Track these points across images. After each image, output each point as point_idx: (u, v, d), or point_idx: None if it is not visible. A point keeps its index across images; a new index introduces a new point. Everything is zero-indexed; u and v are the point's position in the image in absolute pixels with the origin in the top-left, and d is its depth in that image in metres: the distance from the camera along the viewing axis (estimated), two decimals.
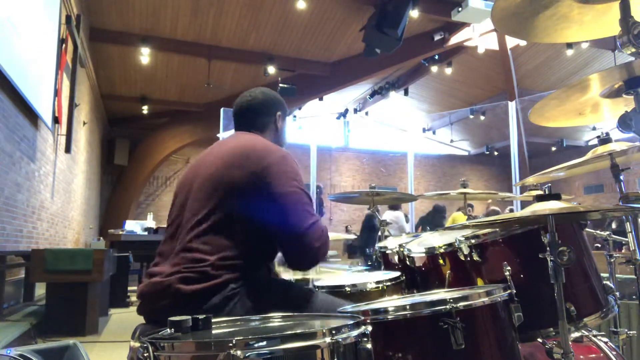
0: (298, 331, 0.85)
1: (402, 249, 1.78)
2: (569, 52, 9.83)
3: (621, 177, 1.54)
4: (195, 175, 1.45)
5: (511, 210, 7.24)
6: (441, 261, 1.57)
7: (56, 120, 5.47)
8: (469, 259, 1.45)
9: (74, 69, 6.30)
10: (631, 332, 1.78)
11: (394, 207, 6.96)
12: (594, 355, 1.50)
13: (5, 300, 4.12)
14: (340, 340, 0.84)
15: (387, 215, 6.78)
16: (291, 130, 14.26)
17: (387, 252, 2.01)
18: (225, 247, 1.30)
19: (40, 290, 5.03)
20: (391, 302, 1.36)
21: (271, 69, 9.05)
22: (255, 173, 1.34)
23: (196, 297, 1.24)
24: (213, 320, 1.01)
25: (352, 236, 7.99)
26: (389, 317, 1.11)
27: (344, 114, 13.81)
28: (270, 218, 1.32)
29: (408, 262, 1.74)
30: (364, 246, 8.25)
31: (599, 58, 10.51)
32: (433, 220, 7.84)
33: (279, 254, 1.45)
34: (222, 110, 7.33)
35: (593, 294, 1.41)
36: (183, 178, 1.52)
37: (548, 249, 1.19)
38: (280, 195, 1.33)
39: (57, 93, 5.34)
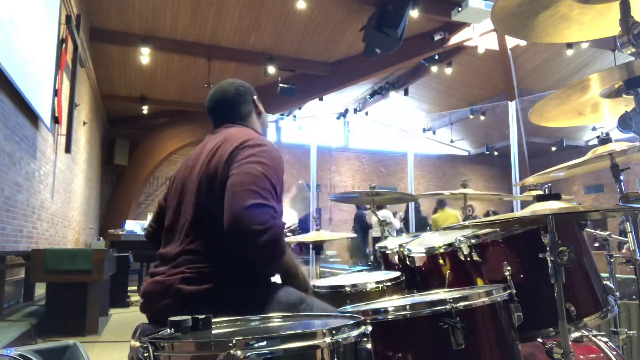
0: (298, 331, 0.85)
1: (402, 249, 1.78)
2: (569, 52, 9.83)
3: (621, 177, 1.54)
4: (188, 176, 1.45)
5: (491, 213, 7.24)
6: (441, 261, 1.57)
7: (56, 120, 5.47)
8: (469, 259, 1.45)
9: (74, 69, 6.30)
10: (631, 332, 1.78)
11: (380, 206, 7.03)
12: (594, 355, 1.50)
13: (5, 300, 4.11)
14: (340, 340, 0.84)
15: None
16: (291, 130, 14.28)
17: (387, 252, 2.01)
18: (222, 247, 1.29)
19: (40, 290, 5.03)
20: (391, 302, 1.36)
21: (271, 69, 9.04)
22: (225, 159, 1.32)
23: (197, 298, 1.24)
24: (213, 320, 1.01)
25: (353, 235, 8.01)
26: (389, 317, 1.11)
27: (344, 114, 13.80)
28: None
29: (408, 262, 1.74)
30: (361, 246, 8.28)
31: (599, 58, 10.51)
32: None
33: None
34: None
35: (593, 294, 1.41)
36: (176, 181, 1.51)
37: (548, 249, 1.19)
38: (233, 174, 1.27)
39: (57, 93, 5.34)
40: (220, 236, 1.29)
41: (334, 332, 0.84)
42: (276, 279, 1.55)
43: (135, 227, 7.83)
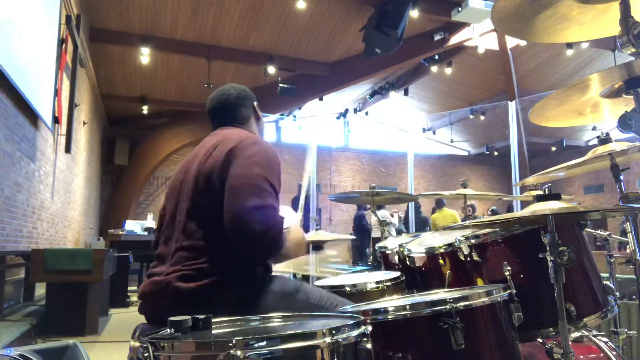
0: (298, 331, 0.85)
1: (402, 249, 1.78)
2: (569, 52, 9.83)
3: (621, 177, 1.54)
4: (184, 176, 1.46)
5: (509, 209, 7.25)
6: (441, 261, 1.57)
7: (56, 120, 5.47)
8: (469, 259, 1.45)
9: (74, 69, 6.30)
10: (631, 332, 1.78)
11: (379, 206, 7.09)
12: (594, 355, 1.50)
13: (5, 300, 4.11)
14: (340, 340, 0.84)
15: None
16: (291, 130, 14.27)
17: (387, 252, 2.01)
18: (218, 243, 1.30)
19: (40, 290, 5.02)
20: (391, 302, 1.36)
21: (271, 69, 9.04)
22: (222, 159, 1.34)
23: (194, 295, 1.25)
24: (213, 320, 1.01)
25: (353, 237, 8.03)
26: (389, 317, 1.11)
27: (344, 114, 13.80)
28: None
29: (408, 262, 1.74)
30: (361, 246, 8.30)
31: (599, 58, 10.51)
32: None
33: None
34: None
35: (593, 294, 1.41)
36: (173, 181, 1.52)
37: (548, 249, 1.19)
38: (232, 176, 1.29)
39: (57, 93, 5.34)
40: (216, 233, 1.30)
41: (334, 332, 0.84)
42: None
43: (135, 227, 7.83)
